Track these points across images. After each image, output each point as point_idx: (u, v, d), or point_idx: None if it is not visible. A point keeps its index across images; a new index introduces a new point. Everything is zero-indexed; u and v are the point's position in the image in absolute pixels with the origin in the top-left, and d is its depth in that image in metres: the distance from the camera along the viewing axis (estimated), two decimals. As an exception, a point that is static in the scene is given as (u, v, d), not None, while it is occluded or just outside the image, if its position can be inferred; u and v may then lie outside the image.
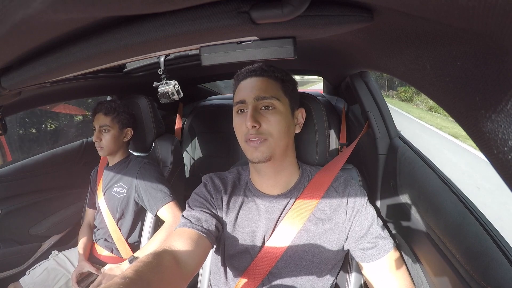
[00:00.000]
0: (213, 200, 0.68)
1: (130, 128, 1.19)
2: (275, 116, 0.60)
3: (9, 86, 0.55)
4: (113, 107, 1.14)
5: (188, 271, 0.53)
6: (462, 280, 0.52)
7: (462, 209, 0.57)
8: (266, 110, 0.60)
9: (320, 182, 0.67)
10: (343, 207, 0.65)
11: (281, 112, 0.61)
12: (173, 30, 0.33)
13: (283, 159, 0.65)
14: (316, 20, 0.34)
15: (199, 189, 0.71)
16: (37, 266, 1.15)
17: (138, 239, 1.18)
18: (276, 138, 0.60)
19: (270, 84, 0.61)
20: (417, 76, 0.37)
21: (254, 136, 0.59)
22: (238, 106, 0.63)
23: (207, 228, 0.62)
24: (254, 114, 0.59)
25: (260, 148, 0.59)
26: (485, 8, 0.18)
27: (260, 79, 0.62)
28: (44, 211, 1.42)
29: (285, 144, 0.62)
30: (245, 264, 0.65)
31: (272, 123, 0.59)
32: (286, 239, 0.63)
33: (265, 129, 0.59)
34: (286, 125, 0.61)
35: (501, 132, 0.21)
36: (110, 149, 1.14)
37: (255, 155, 0.60)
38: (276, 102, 0.60)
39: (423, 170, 0.73)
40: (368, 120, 1.03)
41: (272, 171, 0.65)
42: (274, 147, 0.60)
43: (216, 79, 2.06)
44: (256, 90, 0.60)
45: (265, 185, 0.67)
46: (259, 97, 0.60)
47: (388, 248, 0.62)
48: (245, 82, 0.64)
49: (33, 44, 0.41)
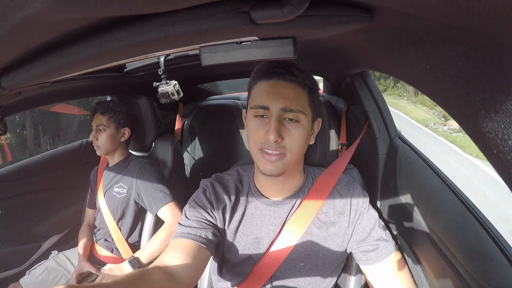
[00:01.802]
0: (213, 210, 0.64)
1: (127, 128, 1.19)
2: (298, 131, 0.55)
3: (9, 86, 0.55)
4: (110, 107, 1.14)
5: (184, 286, 0.52)
6: (462, 280, 0.52)
7: (462, 209, 0.57)
8: (290, 123, 0.55)
9: (324, 184, 0.66)
10: (346, 210, 0.64)
11: (304, 126, 0.56)
12: (173, 30, 0.33)
13: (293, 168, 0.63)
14: (316, 20, 0.34)
15: (198, 195, 0.67)
16: (37, 266, 1.16)
17: (138, 239, 1.18)
18: (295, 153, 0.57)
19: (299, 94, 0.56)
20: (417, 76, 0.37)
21: (273, 149, 0.55)
22: (257, 110, 0.56)
23: (205, 237, 0.59)
24: (279, 127, 0.54)
25: (276, 163, 0.55)
26: (485, 8, 0.18)
27: (289, 85, 0.55)
28: (44, 211, 1.42)
29: (300, 157, 0.61)
30: (248, 269, 0.65)
31: (294, 139, 0.55)
32: (290, 243, 0.62)
33: (287, 144, 0.55)
34: (305, 140, 0.58)
35: (501, 132, 0.21)
36: (107, 149, 1.14)
37: (269, 168, 0.56)
38: (302, 116, 0.55)
39: (423, 170, 0.73)
40: (368, 120, 1.03)
41: (280, 179, 0.63)
42: (290, 163, 0.57)
43: (216, 79, 2.07)
44: (283, 99, 0.54)
45: (270, 190, 0.66)
46: (286, 109, 0.54)
47: (390, 250, 0.62)
48: (269, 83, 0.56)
49: (33, 44, 0.41)
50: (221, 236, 0.66)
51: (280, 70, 0.56)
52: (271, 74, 0.56)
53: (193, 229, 0.59)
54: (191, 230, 0.59)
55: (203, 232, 0.59)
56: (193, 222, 0.61)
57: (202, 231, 0.60)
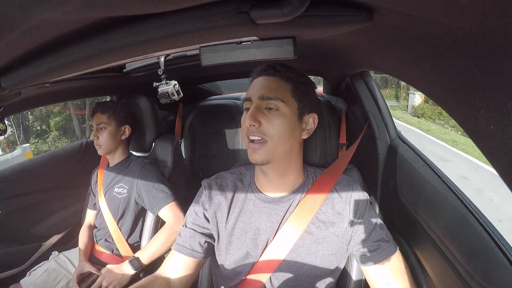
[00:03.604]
0: (208, 213, 0.68)
1: (128, 126, 1.19)
2: (277, 118, 0.58)
3: (9, 86, 0.55)
4: (109, 105, 1.15)
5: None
6: (462, 280, 0.52)
7: (462, 209, 0.57)
8: (269, 111, 0.59)
9: (324, 184, 0.67)
10: (346, 211, 0.64)
11: (284, 115, 0.59)
12: (173, 30, 0.33)
13: (286, 163, 0.63)
14: (316, 20, 0.34)
15: (196, 199, 0.71)
16: (37, 267, 1.15)
17: (139, 239, 1.18)
18: (276, 141, 0.59)
19: (279, 85, 0.60)
20: (417, 76, 0.37)
21: (254, 134, 0.58)
22: (245, 104, 0.62)
23: (199, 248, 0.67)
24: (255, 112, 0.58)
25: (258, 151, 0.59)
26: (484, 8, 0.18)
27: (271, 78, 0.61)
28: (44, 211, 1.42)
29: (287, 149, 0.61)
30: (247, 267, 0.65)
31: (273, 125, 0.58)
32: (289, 242, 0.62)
33: (266, 129, 0.58)
34: (289, 129, 0.59)
35: (501, 132, 0.20)
36: (108, 147, 1.14)
37: (253, 157, 0.59)
38: (281, 104, 0.58)
39: (423, 170, 0.73)
40: (368, 120, 1.03)
41: (275, 173, 0.64)
42: (273, 151, 0.59)
43: (216, 79, 2.06)
44: (262, 89, 0.59)
45: (268, 186, 0.66)
46: (264, 97, 0.59)
47: (391, 251, 0.62)
48: (256, 80, 0.63)
49: (33, 44, 0.41)
50: (218, 236, 0.67)
51: (265, 68, 0.62)
52: (259, 73, 0.63)
53: (188, 242, 0.68)
54: (186, 244, 0.67)
55: (196, 243, 0.67)
56: (188, 232, 0.69)
57: (195, 242, 0.67)
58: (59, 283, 1.12)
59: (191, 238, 0.68)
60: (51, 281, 1.11)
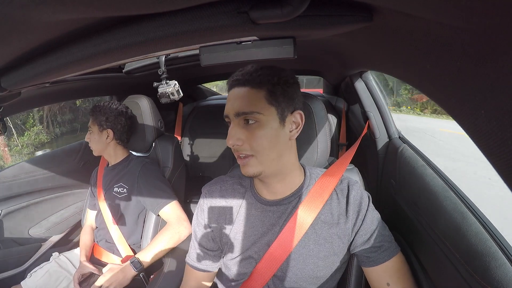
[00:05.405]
0: (211, 222, 0.69)
1: (110, 129, 1.16)
2: (258, 130, 0.56)
3: (9, 86, 0.55)
4: (94, 109, 1.15)
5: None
6: (462, 280, 0.52)
7: (462, 209, 0.57)
8: (249, 125, 0.57)
9: (325, 185, 0.66)
10: (348, 211, 0.64)
11: (265, 125, 0.56)
12: (173, 30, 0.33)
13: (280, 168, 0.62)
14: (316, 20, 0.34)
15: (197, 209, 0.73)
16: (38, 268, 1.15)
17: (139, 240, 1.18)
18: (263, 153, 0.57)
19: (252, 96, 0.56)
20: (416, 76, 0.37)
21: (239, 153, 0.58)
22: (225, 118, 0.60)
23: (210, 266, 0.72)
24: (235, 132, 0.57)
25: (247, 166, 0.58)
26: (484, 8, 0.18)
27: (242, 89, 0.57)
28: (44, 212, 1.42)
29: (276, 155, 0.59)
30: (250, 268, 0.65)
31: (256, 138, 0.56)
32: (291, 242, 0.62)
33: (249, 144, 0.57)
34: (273, 137, 0.57)
35: (501, 132, 0.20)
36: (97, 149, 1.15)
37: (245, 171, 0.59)
38: (258, 116, 0.56)
39: (423, 170, 0.73)
40: (368, 120, 1.03)
41: (272, 179, 0.63)
42: (263, 162, 0.58)
43: (216, 79, 2.07)
44: (236, 105, 0.56)
45: (268, 190, 0.66)
46: (239, 113, 0.56)
47: (393, 252, 0.62)
48: (230, 92, 0.60)
49: (33, 44, 0.41)
50: (223, 241, 0.68)
51: (236, 77, 0.59)
52: (232, 84, 0.59)
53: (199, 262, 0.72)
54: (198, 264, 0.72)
55: (208, 263, 0.72)
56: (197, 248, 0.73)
57: (207, 263, 0.72)
58: (60, 284, 1.12)
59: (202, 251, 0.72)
60: (52, 283, 1.11)
